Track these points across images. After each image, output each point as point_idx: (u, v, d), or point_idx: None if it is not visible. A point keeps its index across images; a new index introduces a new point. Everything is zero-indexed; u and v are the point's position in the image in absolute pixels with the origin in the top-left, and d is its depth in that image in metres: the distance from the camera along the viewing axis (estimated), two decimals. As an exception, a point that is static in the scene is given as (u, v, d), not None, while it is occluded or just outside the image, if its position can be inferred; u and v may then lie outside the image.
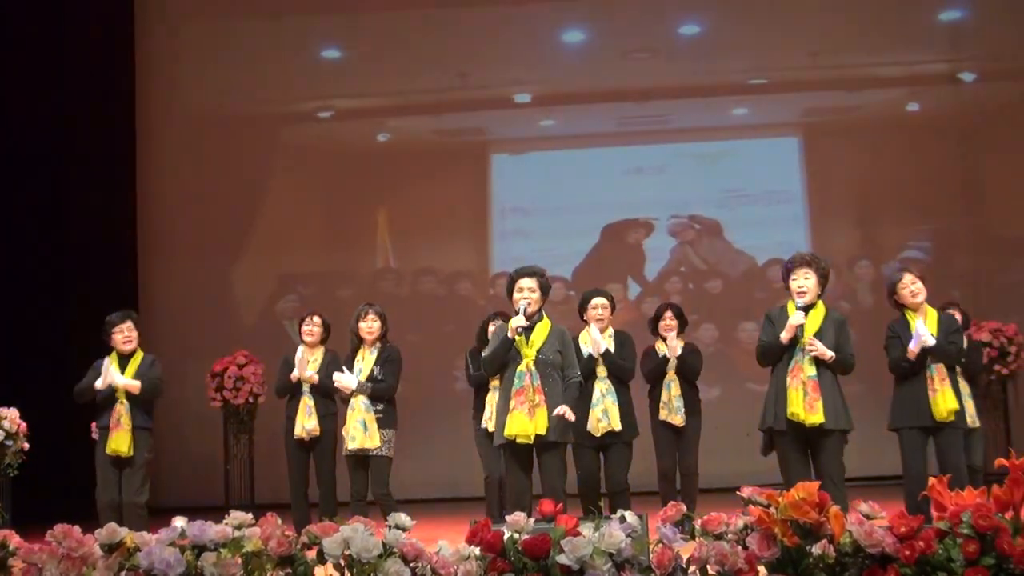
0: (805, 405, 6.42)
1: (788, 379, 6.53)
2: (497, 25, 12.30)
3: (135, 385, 7.85)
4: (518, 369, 6.44)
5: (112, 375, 7.81)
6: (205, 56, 12.80)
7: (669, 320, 8.48)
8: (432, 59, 12.23)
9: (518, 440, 6.37)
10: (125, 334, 7.98)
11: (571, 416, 6.54)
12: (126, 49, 12.64)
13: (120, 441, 7.77)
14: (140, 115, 12.69)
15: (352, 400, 7.88)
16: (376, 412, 7.88)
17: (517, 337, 6.47)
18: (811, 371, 6.50)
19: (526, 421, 6.33)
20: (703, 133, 12.27)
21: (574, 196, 11.97)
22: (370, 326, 8.01)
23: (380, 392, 7.92)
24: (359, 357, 8.00)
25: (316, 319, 8.56)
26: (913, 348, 6.92)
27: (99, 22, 12.36)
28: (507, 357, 6.50)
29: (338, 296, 12.42)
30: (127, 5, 12.73)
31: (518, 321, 6.45)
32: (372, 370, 7.94)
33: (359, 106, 12.84)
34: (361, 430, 7.78)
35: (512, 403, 6.38)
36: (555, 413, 6.44)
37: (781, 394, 6.56)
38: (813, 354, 6.49)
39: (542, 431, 6.36)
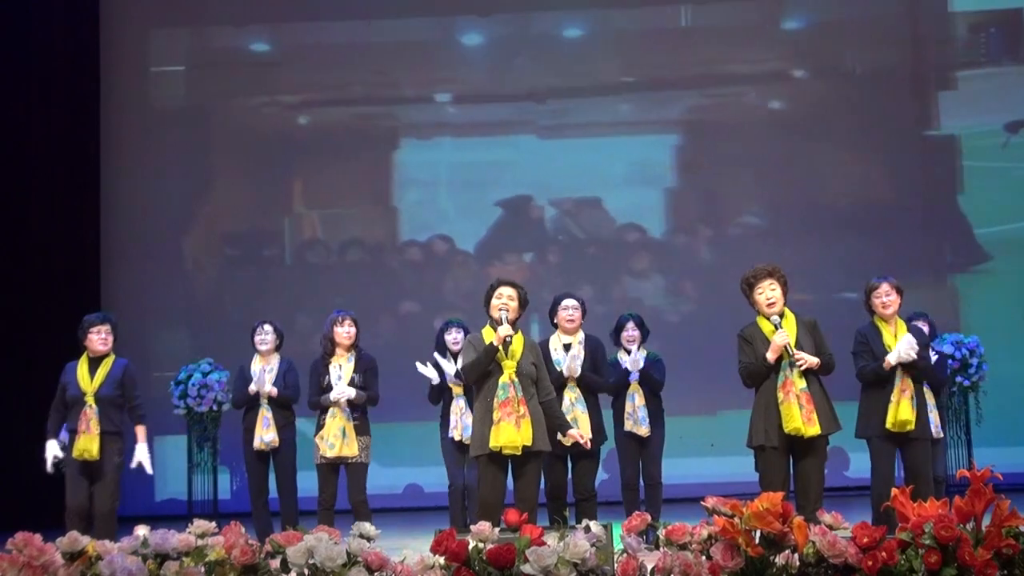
0: (803, 418, 6.39)
1: (780, 395, 6.48)
2: (412, 33, 12.70)
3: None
4: (501, 380, 6.42)
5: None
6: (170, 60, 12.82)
7: (632, 331, 8.47)
8: (358, 60, 12.72)
9: (504, 451, 6.35)
10: (103, 335, 7.91)
11: (580, 408, 7.27)
12: (92, 53, 12.60)
13: (88, 443, 7.68)
14: (104, 119, 12.63)
15: (332, 408, 7.85)
16: (354, 420, 7.88)
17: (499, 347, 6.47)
18: (802, 383, 6.46)
19: (514, 432, 6.32)
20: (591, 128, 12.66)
21: (477, 175, 12.49)
22: (347, 331, 7.99)
23: (371, 402, 8.00)
24: (335, 364, 7.96)
25: (267, 327, 8.49)
26: (891, 361, 6.92)
27: (64, 24, 12.29)
28: (490, 366, 6.49)
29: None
30: (93, 7, 12.67)
31: (506, 330, 6.45)
32: (352, 377, 7.92)
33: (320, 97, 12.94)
34: (341, 438, 7.78)
35: (497, 414, 6.36)
36: (575, 438, 6.69)
37: (771, 410, 6.50)
38: (804, 367, 6.48)
39: (528, 442, 6.36)
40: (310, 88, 12.78)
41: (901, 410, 6.87)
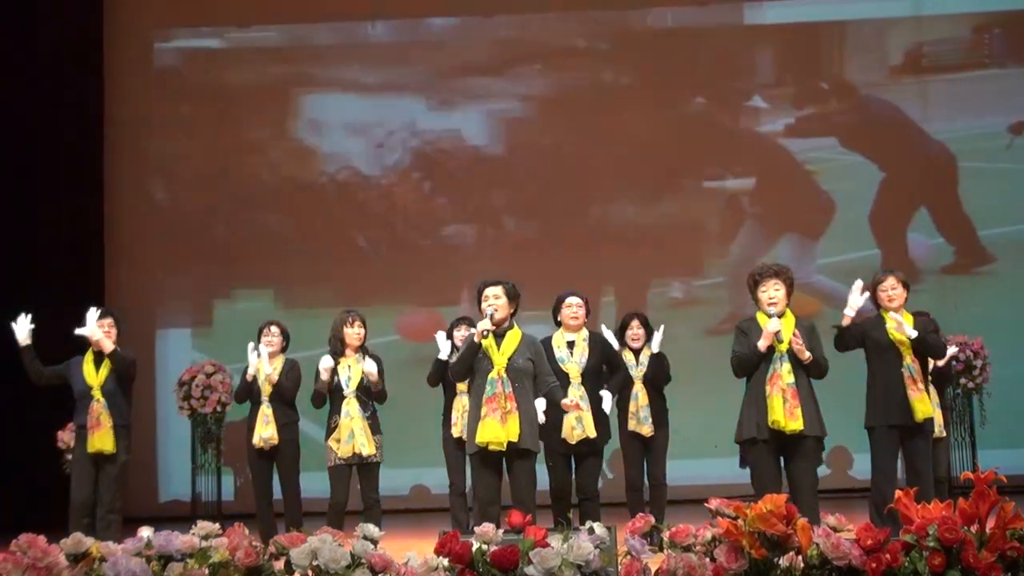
0: (785, 412, 6.38)
1: (768, 388, 6.48)
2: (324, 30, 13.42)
3: (107, 345, 7.83)
4: (489, 376, 6.42)
5: (91, 328, 7.80)
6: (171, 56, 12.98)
7: (636, 329, 8.45)
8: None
9: (490, 447, 6.36)
10: (105, 329, 7.92)
11: (584, 405, 6.95)
12: (95, 60, 12.66)
13: (103, 439, 7.69)
14: (109, 120, 12.69)
15: (345, 407, 7.82)
16: (367, 419, 7.86)
17: (485, 343, 6.47)
18: (789, 378, 6.45)
19: (498, 428, 6.32)
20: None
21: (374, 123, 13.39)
22: (357, 332, 7.93)
23: (379, 399, 7.93)
24: (343, 364, 7.93)
25: (274, 328, 8.46)
26: (849, 314, 6.98)
27: (68, 27, 12.33)
28: (474, 362, 6.50)
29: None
30: (97, 14, 12.72)
31: (484, 324, 6.45)
32: (362, 379, 7.89)
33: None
34: (362, 437, 7.76)
35: (484, 410, 6.37)
36: (565, 405, 6.65)
37: (761, 403, 6.50)
38: (795, 349, 6.48)
39: (514, 438, 6.35)
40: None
41: (924, 402, 6.89)
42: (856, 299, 6.99)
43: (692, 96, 12.93)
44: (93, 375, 7.82)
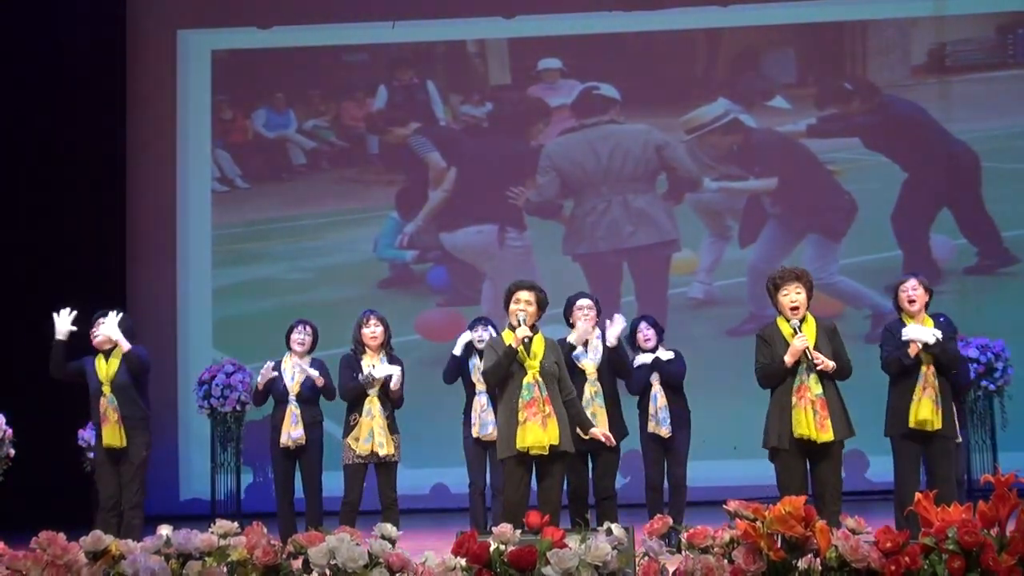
0: (816, 424, 6.32)
1: (794, 399, 6.41)
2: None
3: (123, 341, 7.76)
4: (525, 381, 6.42)
5: (108, 329, 7.76)
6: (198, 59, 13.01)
7: (646, 331, 8.41)
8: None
9: (532, 451, 6.36)
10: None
11: (599, 402, 7.12)
12: (118, 55, 12.72)
13: (111, 434, 7.65)
14: (132, 120, 12.75)
15: (367, 405, 7.81)
16: (387, 418, 7.86)
17: (519, 349, 6.46)
18: (818, 389, 6.37)
19: (541, 432, 6.32)
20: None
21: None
22: (373, 332, 7.93)
23: (397, 397, 7.93)
24: (366, 364, 7.90)
25: (307, 328, 8.49)
26: (908, 334, 6.89)
27: (90, 26, 12.38)
28: (510, 368, 6.49)
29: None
30: (120, 10, 12.79)
31: (524, 331, 6.44)
32: (387, 378, 7.87)
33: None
34: (384, 435, 7.76)
35: (523, 415, 6.35)
36: (595, 435, 6.69)
37: (785, 413, 6.44)
38: (820, 367, 6.40)
39: (555, 441, 6.36)
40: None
41: (922, 408, 6.81)
42: (917, 333, 6.91)
43: (714, 96, 12.91)
44: (104, 371, 7.79)
